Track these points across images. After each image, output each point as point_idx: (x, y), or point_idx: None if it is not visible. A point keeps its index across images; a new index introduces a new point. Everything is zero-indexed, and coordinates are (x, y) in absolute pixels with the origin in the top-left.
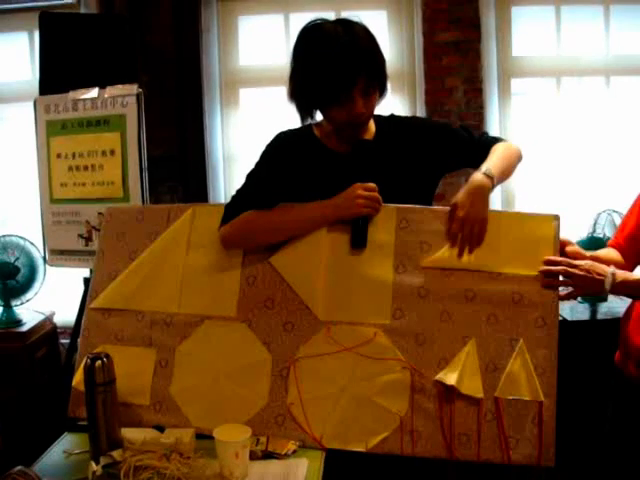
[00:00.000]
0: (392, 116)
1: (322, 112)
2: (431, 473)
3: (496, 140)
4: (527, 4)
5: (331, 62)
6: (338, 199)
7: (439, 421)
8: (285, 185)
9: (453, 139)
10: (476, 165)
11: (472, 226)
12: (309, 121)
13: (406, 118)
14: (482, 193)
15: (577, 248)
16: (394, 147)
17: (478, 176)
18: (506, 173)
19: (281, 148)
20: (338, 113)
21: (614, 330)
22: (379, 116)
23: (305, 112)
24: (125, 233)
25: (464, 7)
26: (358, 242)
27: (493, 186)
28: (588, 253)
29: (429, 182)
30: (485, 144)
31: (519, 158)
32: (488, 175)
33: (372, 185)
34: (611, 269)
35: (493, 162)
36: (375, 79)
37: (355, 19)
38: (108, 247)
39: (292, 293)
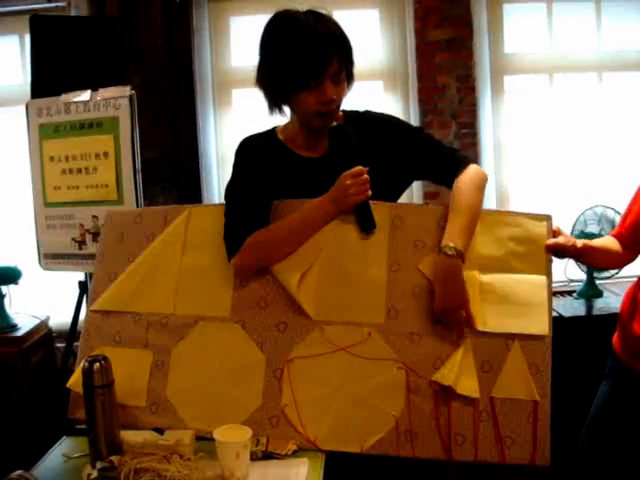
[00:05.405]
0: (366, 112)
1: (291, 101)
2: (431, 473)
3: (460, 161)
4: (518, 1)
5: (303, 45)
6: (332, 193)
7: (435, 421)
8: (264, 190)
9: (424, 147)
10: (438, 179)
11: (453, 312)
12: (276, 113)
13: (380, 115)
14: (452, 276)
15: (569, 237)
16: (363, 144)
17: (443, 260)
18: (472, 226)
19: (250, 154)
20: (308, 100)
21: (610, 326)
22: (350, 111)
23: (274, 100)
24: (124, 235)
25: (456, 5)
26: (366, 226)
27: (463, 256)
28: (580, 242)
29: (396, 184)
30: (452, 162)
31: (484, 186)
32: (453, 254)
33: (357, 170)
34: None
35: (456, 228)
36: (345, 66)
37: (322, 11)
38: (107, 249)
39: (285, 293)
